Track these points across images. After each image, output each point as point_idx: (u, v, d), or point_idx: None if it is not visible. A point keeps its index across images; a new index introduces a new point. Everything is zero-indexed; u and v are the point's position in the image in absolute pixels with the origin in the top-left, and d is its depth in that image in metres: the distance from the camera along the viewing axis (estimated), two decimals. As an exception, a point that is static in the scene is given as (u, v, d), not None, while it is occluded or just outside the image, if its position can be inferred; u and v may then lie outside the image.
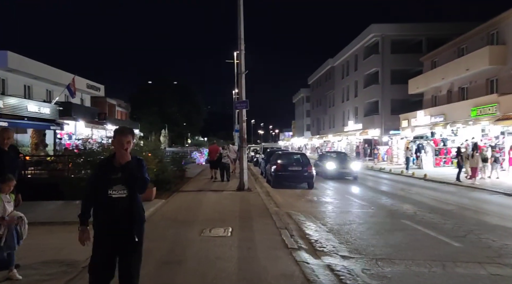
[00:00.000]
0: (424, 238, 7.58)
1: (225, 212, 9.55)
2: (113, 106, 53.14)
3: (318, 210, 10.66)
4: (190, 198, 12.21)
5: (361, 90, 46.91)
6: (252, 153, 37.88)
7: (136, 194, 3.49)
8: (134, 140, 3.44)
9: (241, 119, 13.77)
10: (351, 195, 14.17)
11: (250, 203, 11.12)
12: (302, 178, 15.68)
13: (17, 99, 21.44)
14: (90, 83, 36.92)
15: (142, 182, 3.42)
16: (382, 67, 42.19)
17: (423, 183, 19.14)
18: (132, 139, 3.43)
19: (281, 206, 11.24)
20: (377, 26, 42.13)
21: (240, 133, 13.83)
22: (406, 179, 21.34)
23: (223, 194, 13.00)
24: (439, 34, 39.53)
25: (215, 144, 22.39)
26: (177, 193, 13.29)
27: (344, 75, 53.66)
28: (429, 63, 34.46)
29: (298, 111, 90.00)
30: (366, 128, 44.40)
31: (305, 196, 13.64)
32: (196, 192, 13.74)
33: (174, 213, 9.46)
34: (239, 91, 13.80)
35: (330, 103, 60.59)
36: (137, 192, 3.50)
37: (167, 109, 63.56)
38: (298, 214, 9.93)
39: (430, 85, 32.37)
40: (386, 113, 42.47)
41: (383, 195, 14.14)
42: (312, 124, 72.82)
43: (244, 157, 13.79)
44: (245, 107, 13.53)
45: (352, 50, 49.19)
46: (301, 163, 16.12)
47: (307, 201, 12.38)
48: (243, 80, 13.64)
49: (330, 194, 14.40)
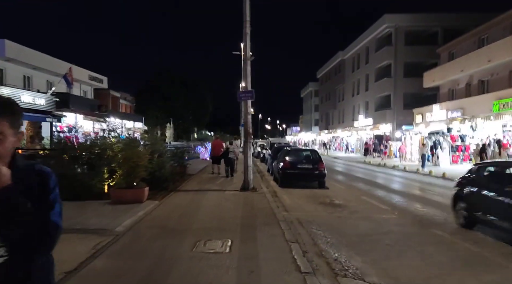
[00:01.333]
0: (468, 256, 6.17)
1: (225, 218, 8.20)
2: (117, 99, 52.01)
3: (333, 216, 9.27)
4: (188, 199, 10.88)
5: (372, 84, 45.18)
6: (259, 148, 36.52)
7: (31, 257, 1.55)
8: (20, 129, 1.56)
9: (245, 111, 12.38)
10: (367, 196, 12.74)
11: (254, 206, 9.76)
12: (313, 177, 14.29)
13: (10, 89, 20.26)
14: (93, 74, 35.80)
15: (42, 232, 1.50)
16: (395, 59, 40.40)
17: (442, 182, 17.61)
18: (13, 127, 1.51)
19: (290, 209, 9.87)
20: (391, 17, 40.29)
21: (245, 127, 12.45)
22: (423, 178, 19.82)
23: (225, 195, 11.65)
24: (456, 25, 37.60)
25: (218, 138, 21.58)
26: (174, 193, 11.98)
27: (355, 69, 51.90)
28: (446, 55, 32.68)
29: (306, 106, 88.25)
30: (377, 123, 42.75)
31: (316, 197, 12.25)
32: (195, 191, 12.41)
33: (166, 219, 8.14)
34: (244, 80, 12.40)
35: (340, 97, 58.88)
36: (33, 252, 1.54)
37: (173, 103, 62.31)
38: (310, 220, 8.55)
39: (447, 78, 30.62)
40: (399, 107, 40.77)
41: (402, 197, 12.70)
42: (321, 119, 71.14)
43: (248, 152, 12.41)
44: (250, 98, 12.13)
45: (363, 42, 47.39)
46: (312, 160, 14.71)
47: (319, 204, 10.99)
48: (249, 68, 12.23)
49: (344, 195, 12.98)
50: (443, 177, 19.29)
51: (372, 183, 16.97)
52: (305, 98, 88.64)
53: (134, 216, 8.05)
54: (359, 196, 12.64)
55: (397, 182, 17.76)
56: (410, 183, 17.47)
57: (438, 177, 19.85)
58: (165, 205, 9.83)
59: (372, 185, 16.11)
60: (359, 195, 12.86)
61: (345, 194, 13.09)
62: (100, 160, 10.50)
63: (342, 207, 10.45)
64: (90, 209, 8.82)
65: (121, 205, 9.22)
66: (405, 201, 11.76)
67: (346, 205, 10.77)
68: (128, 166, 9.71)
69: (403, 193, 13.87)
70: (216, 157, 18.28)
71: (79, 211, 8.43)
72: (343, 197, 12.27)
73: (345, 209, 10.23)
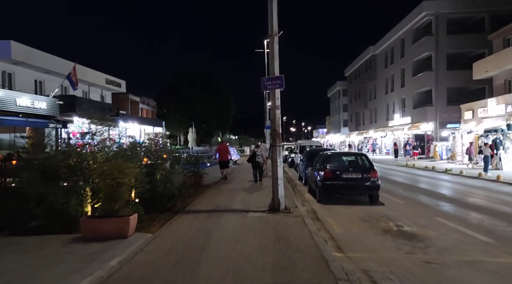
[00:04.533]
0: None
1: (245, 272, 5.02)
2: (136, 104, 49.96)
3: (417, 260, 5.87)
4: (195, 227, 7.76)
5: (409, 79, 41.06)
6: (286, 152, 33.20)
7: None
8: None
9: (273, 105, 9.16)
10: (442, 216, 9.25)
11: (291, 242, 6.52)
12: (363, 189, 10.89)
13: (3, 92, 17.88)
14: (110, 78, 33.59)
15: None
16: (437, 50, 36.26)
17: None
18: None
19: (344, 246, 6.59)
20: (430, 3, 36.20)
21: (272, 125, 9.23)
22: (492, 185, 15.98)
23: (248, 219, 8.44)
24: (505, 9, 33.25)
25: (223, 142, 21.61)
26: (180, 216, 8.90)
27: (388, 64, 47.79)
28: (500, 42, 28.40)
29: (333, 106, 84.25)
30: (417, 121, 38.60)
31: (372, 219, 8.89)
32: (209, 213, 9.28)
33: (151, 274, 5.03)
34: (270, 63, 9.19)
35: (371, 95, 54.78)
36: None
37: (195, 106, 59.77)
38: (384, 273, 5.24)
39: (504, 67, 26.37)
40: (441, 104, 36.57)
41: (491, 216, 9.11)
42: (350, 120, 67.09)
43: (278, 160, 9.17)
44: (279, 86, 8.93)
45: (398, 34, 43.30)
46: (361, 167, 11.31)
47: (383, 233, 7.63)
48: (276, 47, 9.03)
49: (409, 214, 9.53)
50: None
51: (433, 194, 13.39)
52: (332, 98, 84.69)
53: (100, 270, 4.99)
54: (431, 217, 9.15)
55: (463, 192, 14.08)
56: (482, 193, 13.74)
57: (510, 183, 16.02)
58: (160, 240, 6.74)
59: (435, 197, 12.53)
60: (431, 215, 9.37)
61: (410, 213, 9.63)
62: (74, 175, 7.58)
63: (421, 240, 7.04)
64: (44, 252, 5.87)
65: (94, 243, 6.24)
66: (503, 225, 8.22)
67: (425, 236, 7.35)
68: (106, 185, 6.73)
69: (487, 209, 10.27)
70: (223, 162, 18.05)
71: (22, 259, 5.49)
72: (411, 219, 8.84)
73: (426, 243, 6.81)
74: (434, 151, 33.29)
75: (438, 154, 32.38)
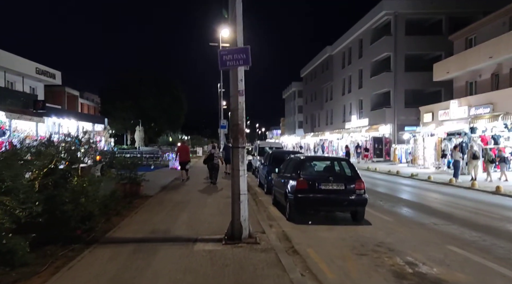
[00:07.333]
0: None
1: None
2: (75, 98, 44.97)
3: None
4: (105, 281, 4.84)
5: (367, 80, 40.11)
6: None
7: None
8: None
9: (234, 89, 6.44)
10: (452, 242, 7.06)
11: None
12: (347, 204, 8.45)
13: None
14: (42, 68, 28.86)
15: None
16: (395, 51, 35.44)
17: (508, 202, 12.34)
18: None
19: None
20: (390, 2, 35.30)
21: (233, 119, 6.48)
22: (474, 194, 14.40)
23: (194, 260, 5.60)
24: (462, 12, 33.14)
25: (184, 143, 20.96)
26: (91, 252, 5.90)
27: (345, 64, 46.78)
28: (462, 42, 27.72)
29: (288, 107, 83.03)
30: (375, 124, 37.64)
31: (370, 251, 6.46)
32: (137, 244, 6.35)
33: None
34: (232, 27, 6.50)
35: (328, 97, 53.72)
36: None
37: (143, 104, 55.32)
38: None
39: (466, 68, 25.58)
40: (399, 106, 35.84)
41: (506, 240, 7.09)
42: (305, 121, 65.91)
43: (241, 167, 6.47)
44: (243, 63, 6.25)
45: (356, 34, 42.28)
46: (343, 176, 8.90)
47: (396, 280, 5.19)
48: (240, 5, 6.37)
49: (411, 240, 7.25)
50: (497, 192, 14.03)
51: (416, 206, 11.40)
52: (288, 99, 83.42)
53: None
54: (442, 245, 6.87)
55: (448, 204, 12.25)
56: (471, 204, 11.94)
57: (489, 191, 14.56)
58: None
59: (422, 211, 10.47)
60: (439, 242, 7.11)
61: (411, 239, 7.33)
62: None
63: None
64: None
65: None
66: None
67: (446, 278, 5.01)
68: None
69: (495, 230, 8.28)
70: (183, 163, 17.08)
71: None
72: (419, 250, 6.51)
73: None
74: (393, 154, 32.25)
75: (397, 157, 31.35)
